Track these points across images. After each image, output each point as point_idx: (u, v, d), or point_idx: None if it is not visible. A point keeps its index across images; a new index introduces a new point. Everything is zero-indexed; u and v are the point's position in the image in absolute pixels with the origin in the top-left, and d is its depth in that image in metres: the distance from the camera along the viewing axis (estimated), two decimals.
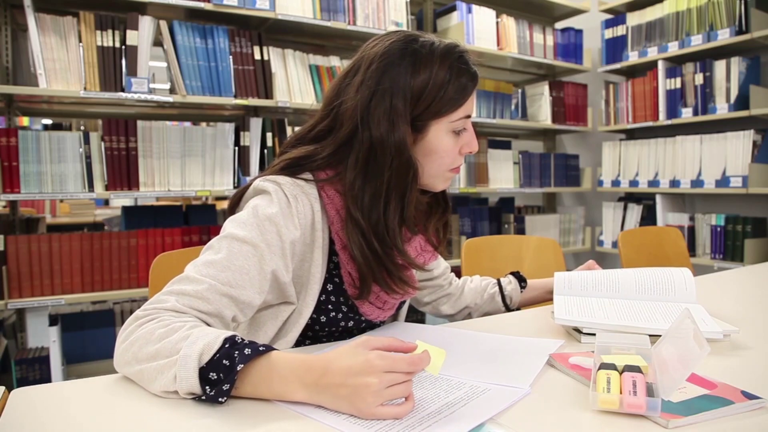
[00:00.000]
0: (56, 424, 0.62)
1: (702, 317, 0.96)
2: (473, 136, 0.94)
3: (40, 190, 1.92)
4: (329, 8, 2.40)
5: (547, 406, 0.66)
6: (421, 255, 1.00)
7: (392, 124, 0.85)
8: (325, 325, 0.94)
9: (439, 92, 0.87)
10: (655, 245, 1.98)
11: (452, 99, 0.88)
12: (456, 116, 0.89)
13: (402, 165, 0.86)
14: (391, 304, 0.98)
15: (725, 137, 2.69)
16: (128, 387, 0.73)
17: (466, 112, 0.91)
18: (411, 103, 0.86)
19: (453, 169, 0.95)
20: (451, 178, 0.97)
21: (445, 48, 0.89)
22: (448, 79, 0.87)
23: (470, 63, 0.91)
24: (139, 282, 2.10)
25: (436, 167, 0.92)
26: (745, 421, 0.62)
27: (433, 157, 0.91)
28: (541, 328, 1.02)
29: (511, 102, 3.09)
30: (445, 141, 0.90)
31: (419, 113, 0.88)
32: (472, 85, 0.91)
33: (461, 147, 0.93)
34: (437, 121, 0.89)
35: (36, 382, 1.24)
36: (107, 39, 1.99)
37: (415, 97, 0.86)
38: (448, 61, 0.88)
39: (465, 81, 0.89)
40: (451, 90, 0.87)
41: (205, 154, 2.18)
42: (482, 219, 3.00)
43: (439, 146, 0.90)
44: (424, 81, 0.86)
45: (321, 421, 0.62)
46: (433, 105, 0.87)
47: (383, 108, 0.85)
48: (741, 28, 2.60)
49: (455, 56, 0.89)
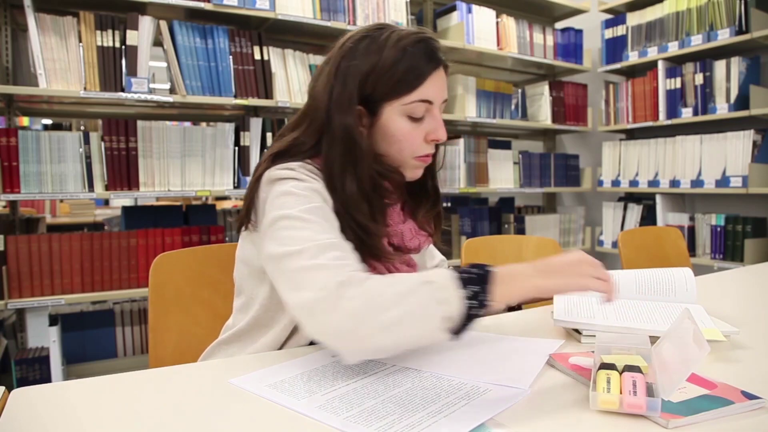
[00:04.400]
0: (56, 424, 0.62)
1: (702, 318, 0.96)
2: (440, 124, 0.93)
3: (40, 190, 1.92)
4: (329, 8, 2.40)
5: (547, 406, 0.66)
6: (416, 238, 1.00)
7: (343, 108, 0.87)
8: None
9: (387, 73, 0.87)
10: (655, 245, 1.98)
11: (402, 81, 0.88)
12: (409, 99, 0.89)
13: (351, 147, 0.87)
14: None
15: (725, 137, 2.69)
16: (128, 387, 0.73)
17: (424, 96, 0.90)
18: (360, 84, 0.88)
19: (419, 157, 0.94)
20: (419, 166, 0.96)
21: (404, 33, 0.90)
22: (398, 60, 0.87)
23: (431, 48, 0.91)
24: (139, 282, 2.10)
25: (396, 152, 0.92)
26: (745, 421, 0.62)
27: (390, 141, 0.91)
28: (541, 328, 1.02)
29: (511, 102, 3.09)
30: (399, 124, 0.90)
31: (369, 93, 0.89)
32: (429, 69, 0.90)
33: (426, 134, 0.92)
34: (389, 104, 0.89)
35: (36, 382, 1.24)
36: (107, 39, 1.99)
37: (364, 78, 0.88)
38: (401, 43, 0.88)
39: (420, 64, 0.89)
40: (401, 71, 0.87)
41: (205, 154, 2.18)
42: (482, 219, 3.00)
43: (394, 129, 0.90)
44: (374, 61, 0.87)
45: (321, 421, 0.62)
46: (381, 85, 0.88)
47: (338, 91, 0.88)
48: (741, 28, 2.60)
49: (412, 39, 0.89)
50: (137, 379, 0.76)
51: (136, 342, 2.34)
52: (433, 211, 1.04)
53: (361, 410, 0.63)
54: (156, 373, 0.79)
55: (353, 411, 0.63)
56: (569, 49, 3.25)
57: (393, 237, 0.97)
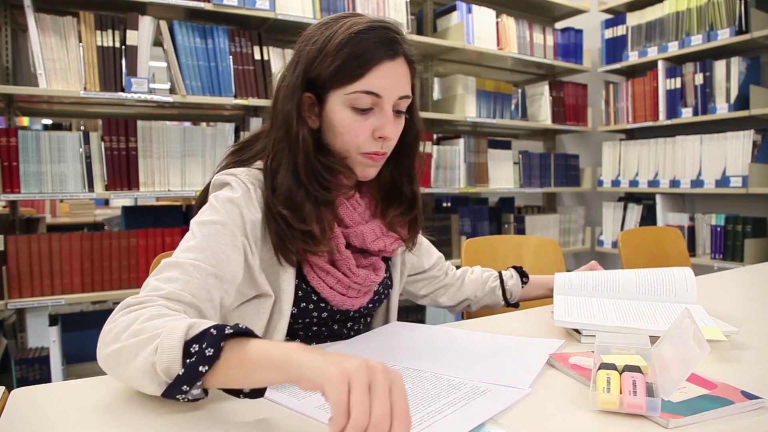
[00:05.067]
0: (56, 424, 0.62)
1: (702, 318, 0.96)
2: (388, 120, 0.86)
3: (40, 190, 1.92)
4: (329, 8, 2.39)
5: (547, 406, 0.66)
6: (381, 239, 0.96)
7: (290, 93, 0.87)
8: (298, 317, 0.92)
9: (332, 56, 0.84)
10: (655, 245, 1.98)
11: (345, 67, 0.83)
12: (351, 89, 0.84)
13: (287, 134, 0.86)
14: (356, 289, 0.94)
15: (725, 137, 2.69)
16: (128, 387, 0.73)
17: (367, 87, 0.84)
18: (305, 69, 0.86)
19: (365, 153, 0.88)
20: (369, 165, 0.90)
21: (362, 20, 0.86)
22: (342, 44, 0.83)
23: (388, 38, 0.85)
24: (139, 282, 2.09)
25: (340, 144, 0.89)
26: (745, 421, 0.62)
27: (333, 131, 0.88)
28: (541, 328, 1.02)
29: (511, 102, 3.09)
30: (341, 115, 0.86)
31: (314, 79, 0.86)
32: (378, 58, 0.84)
33: (373, 130, 0.87)
34: (334, 92, 0.86)
35: (36, 382, 1.24)
36: (107, 39, 1.99)
37: (310, 62, 0.86)
38: (353, 29, 0.84)
39: (367, 51, 0.83)
40: (344, 56, 0.83)
41: (205, 154, 2.18)
42: (482, 219, 3.00)
43: (336, 120, 0.87)
44: (322, 45, 0.85)
45: (321, 421, 0.61)
46: (324, 70, 0.85)
47: (288, 78, 0.88)
48: (741, 28, 2.60)
49: (365, 26, 0.85)
50: None
51: None
52: (408, 215, 0.99)
53: None
54: None
55: None
56: (569, 49, 3.25)
57: (352, 238, 0.94)
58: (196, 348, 0.58)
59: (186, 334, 0.60)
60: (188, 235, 0.81)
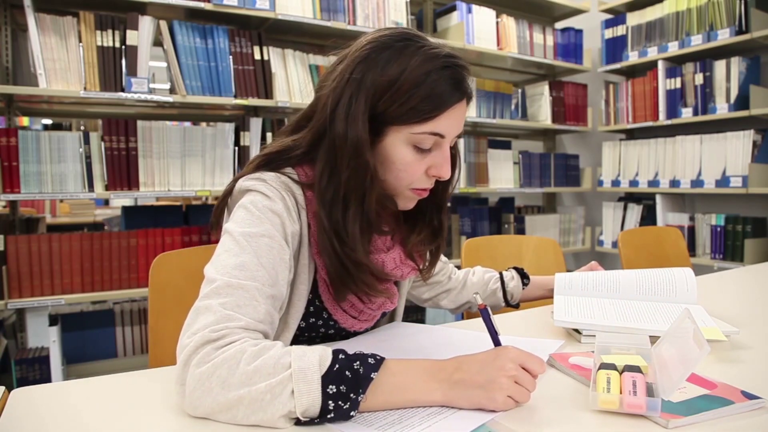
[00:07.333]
0: (56, 424, 0.62)
1: (702, 318, 0.96)
2: (446, 160, 0.83)
3: (40, 190, 1.92)
4: (329, 8, 2.39)
5: (547, 406, 0.66)
6: (400, 268, 0.92)
7: (352, 120, 0.78)
8: (305, 330, 0.90)
9: (404, 95, 0.77)
10: (655, 245, 1.98)
11: (417, 108, 0.78)
12: (420, 129, 0.79)
13: (360, 166, 0.78)
14: (368, 314, 0.93)
15: (725, 137, 2.69)
16: (128, 387, 0.73)
17: (437, 129, 0.79)
18: (372, 99, 0.78)
19: (415, 189, 0.85)
20: (413, 198, 0.87)
21: (432, 53, 0.79)
22: (418, 84, 0.77)
23: (459, 77, 0.80)
24: (139, 282, 2.10)
25: (393, 179, 0.83)
26: (745, 421, 0.62)
27: (389, 167, 0.82)
28: (541, 328, 1.02)
29: (511, 102, 3.09)
30: (402, 153, 0.81)
31: (379, 113, 0.79)
32: (452, 101, 0.79)
33: (428, 168, 0.83)
34: (397, 128, 0.80)
35: (36, 382, 1.24)
36: (107, 39, 1.99)
37: (378, 94, 0.78)
38: (429, 65, 0.78)
39: (442, 93, 0.78)
40: (420, 97, 0.77)
41: (205, 154, 2.18)
42: (482, 219, 3.00)
43: (395, 156, 0.81)
44: (393, 78, 0.77)
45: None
46: (394, 108, 0.78)
47: (346, 100, 0.78)
48: (741, 28, 2.60)
49: (439, 64, 0.78)
50: (137, 379, 0.76)
51: (136, 342, 2.34)
52: (431, 243, 0.96)
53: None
54: (156, 373, 0.79)
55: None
56: (569, 49, 3.25)
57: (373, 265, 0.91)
58: (333, 389, 0.60)
59: (320, 369, 0.61)
60: (232, 245, 0.74)
